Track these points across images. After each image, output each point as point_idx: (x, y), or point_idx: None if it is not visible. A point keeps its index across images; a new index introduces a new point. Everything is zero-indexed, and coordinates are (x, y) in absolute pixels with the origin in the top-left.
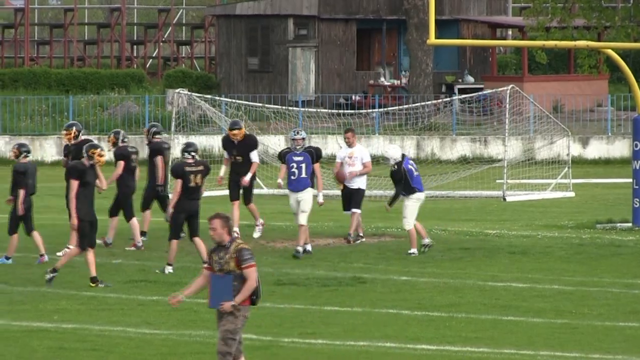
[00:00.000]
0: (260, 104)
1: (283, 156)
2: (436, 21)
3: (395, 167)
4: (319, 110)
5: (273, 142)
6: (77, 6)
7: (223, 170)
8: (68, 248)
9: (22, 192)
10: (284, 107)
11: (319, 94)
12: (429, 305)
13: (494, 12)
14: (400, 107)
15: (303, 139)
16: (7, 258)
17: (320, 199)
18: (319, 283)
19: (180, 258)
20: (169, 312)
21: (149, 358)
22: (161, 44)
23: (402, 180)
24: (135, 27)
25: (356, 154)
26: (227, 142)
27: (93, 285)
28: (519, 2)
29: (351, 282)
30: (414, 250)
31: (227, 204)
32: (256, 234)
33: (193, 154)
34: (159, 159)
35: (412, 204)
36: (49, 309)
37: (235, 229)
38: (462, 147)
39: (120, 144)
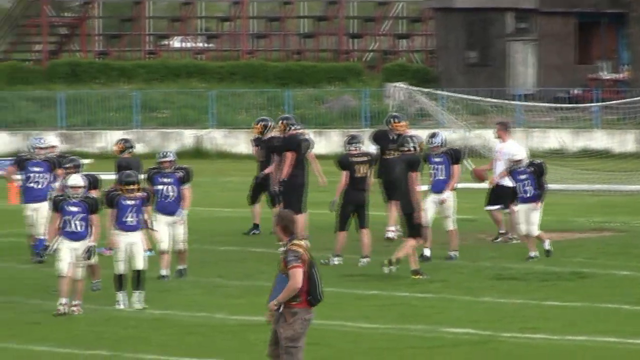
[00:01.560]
0: (479, 98)
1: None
2: None
3: (535, 164)
4: (537, 104)
5: (492, 137)
6: None
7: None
8: None
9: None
10: (502, 101)
11: (538, 87)
12: None
13: None
14: (620, 101)
15: (438, 146)
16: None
17: (444, 196)
18: (539, 277)
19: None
20: (389, 307)
21: (366, 352)
22: (380, 37)
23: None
24: (353, 20)
25: (505, 150)
26: (382, 137)
27: (415, 277)
28: None
29: (571, 277)
30: (535, 253)
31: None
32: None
33: (357, 145)
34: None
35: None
36: (265, 303)
37: (392, 227)
38: None
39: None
